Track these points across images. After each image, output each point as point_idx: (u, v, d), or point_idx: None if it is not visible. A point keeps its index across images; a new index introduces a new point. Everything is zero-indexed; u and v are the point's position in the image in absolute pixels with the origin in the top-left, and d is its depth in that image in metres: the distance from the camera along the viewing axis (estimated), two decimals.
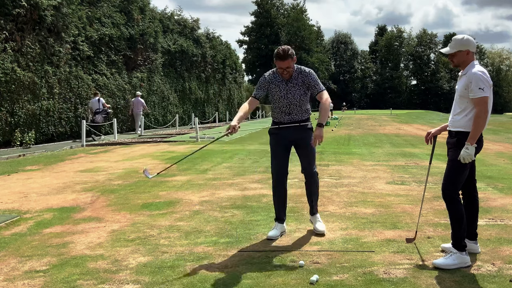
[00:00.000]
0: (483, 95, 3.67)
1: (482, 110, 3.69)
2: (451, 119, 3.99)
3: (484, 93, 3.68)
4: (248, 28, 75.66)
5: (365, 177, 8.05)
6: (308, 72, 4.48)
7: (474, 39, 4.61)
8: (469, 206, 4.01)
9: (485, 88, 3.70)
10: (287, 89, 4.45)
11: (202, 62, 33.97)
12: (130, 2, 23.65)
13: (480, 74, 3.73)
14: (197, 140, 16.61)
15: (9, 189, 7.41)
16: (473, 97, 3.71)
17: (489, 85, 3.77)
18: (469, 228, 3.97)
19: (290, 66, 4.35)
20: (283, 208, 4.65)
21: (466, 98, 3.79)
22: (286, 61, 4.30)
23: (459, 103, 3.90)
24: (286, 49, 4.33)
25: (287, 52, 4.30)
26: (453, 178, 3.81)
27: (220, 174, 8.55)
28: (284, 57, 4.28)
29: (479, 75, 3.73)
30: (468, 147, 3.69)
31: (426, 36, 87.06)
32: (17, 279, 3.62)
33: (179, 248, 4.29)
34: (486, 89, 3.71)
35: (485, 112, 3.70)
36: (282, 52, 4.29)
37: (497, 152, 13.15)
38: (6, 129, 14.85)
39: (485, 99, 3.69)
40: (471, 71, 3.78)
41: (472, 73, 3.75)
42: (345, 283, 3.43)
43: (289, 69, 4.36)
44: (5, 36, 14.75)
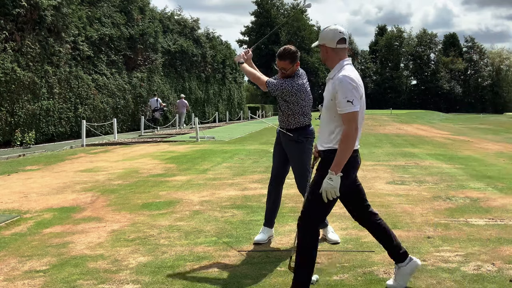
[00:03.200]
0: (351, 110, 2.93)
1: (351, 128, 2.94)
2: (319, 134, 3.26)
3: (353, 107, 2.93)
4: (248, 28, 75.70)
5: (365, 177, 8.04)
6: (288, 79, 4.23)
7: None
8: (377, 233, 3.37)
9: (355, 101, 2.94)
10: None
11: (202, 62, 33.97)
12: (130, 2, 23.65)
13: (348, 81, 2.96)
14: (197, 140, 16.61)
15: (9, 189, 7.41)
16: (341, 112, 2.96)
17: (359, 96, 3.01)
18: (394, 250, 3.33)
19: (285, 68, 4.19)
20: (273, 213, 4.48)
21: (333, 111, 3.04)
22: (282, 62, 4.18)
23: (326, 115, 3.13)
24: (288, 50, 4.19)
25: (288, 52, 4.17)
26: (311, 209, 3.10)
27: (220, 174, 8.55)
28: (282, 57, 4.18)
29: (346, 82, 2.95)
30: (332, 177, 2.95)
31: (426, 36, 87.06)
32: (17, 279, 3.62)
33: (179, 248, 4.29)
34: (356, 102, 2.95)
35: (355, 130, 2.96)
36: (282, 52, 4.21)
37: (497, 152, 13.15)
38: (6, 129, 14.86)
39: (354, 115, 2.95)
40: (338, 75, 3.02)
41: (338, 80, 2.99)
42: (345, 283, 3.43)
43: (286, 70, 4.20)
44: (5, 36, 14.76)
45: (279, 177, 4.47)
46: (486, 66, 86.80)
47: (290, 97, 4.20)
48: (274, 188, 4.48)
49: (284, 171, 4.49)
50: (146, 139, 17.56)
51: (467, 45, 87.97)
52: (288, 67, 4.19)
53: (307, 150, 4.28)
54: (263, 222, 4.55)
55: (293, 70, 4.24)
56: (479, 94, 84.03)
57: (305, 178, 4.18)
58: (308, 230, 3.08)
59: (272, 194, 4.48)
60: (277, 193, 4.49)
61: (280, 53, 4.20)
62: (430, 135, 20.37)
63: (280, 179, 4.48)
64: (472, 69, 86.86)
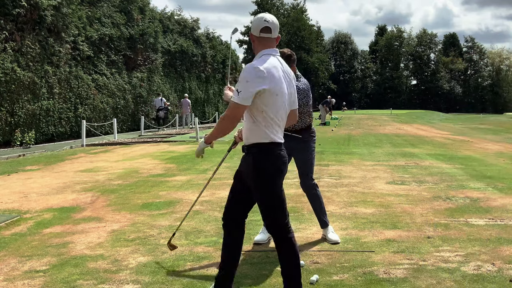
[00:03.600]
0: (234, 99, 2.84)
1: (229, 116, 2.88)
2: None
3: (235, 98, 2.83)
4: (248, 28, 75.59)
5: (365, 177, 8.04)
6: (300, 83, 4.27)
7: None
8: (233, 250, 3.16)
9: (242, 93, 2.81)
10: None
11: (202, 62, 33.96)
12: (130, 2, 23.65)
13: (248, 71, 2.84)
14: (197, 140, 16.61)
15: (9, 189, 7.41)
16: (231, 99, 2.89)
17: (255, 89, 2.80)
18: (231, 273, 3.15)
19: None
20: None
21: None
22: None
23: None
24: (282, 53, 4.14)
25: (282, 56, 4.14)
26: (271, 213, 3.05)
27: (220, 174, 8.55)
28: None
29: (246, 73, 2.84)
30: (201, 142, 3.15)
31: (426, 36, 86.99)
32: (17, 279, 3.62)
33: (179, 248, 4.28)
34: (244, 94, 2.80)
35: (231, 120, 2.88)
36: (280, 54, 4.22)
37: (497, 152, 13.15)
38: (6, 129, 14.86)
39: (235, 105, 2.84)
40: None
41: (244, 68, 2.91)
42: (345, 283, 3.43)
43: None
44: (5, 36, 14.76)
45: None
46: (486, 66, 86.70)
47: (301, 100, 4.24)
48: None
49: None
50: (146, 139, 17.56)
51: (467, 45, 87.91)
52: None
53: (313, 148, 4.45)
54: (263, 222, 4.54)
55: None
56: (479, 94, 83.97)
57: (310, 175, 4.40)
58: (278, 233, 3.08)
59: None
60: None
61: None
62: (430, 135, 20.37)
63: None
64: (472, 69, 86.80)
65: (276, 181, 2.97)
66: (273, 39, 3.00)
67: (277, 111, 2.94)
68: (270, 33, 2.96)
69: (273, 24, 2.98)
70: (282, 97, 2.96)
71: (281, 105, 2.97)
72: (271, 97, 2.88)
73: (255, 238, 4.43)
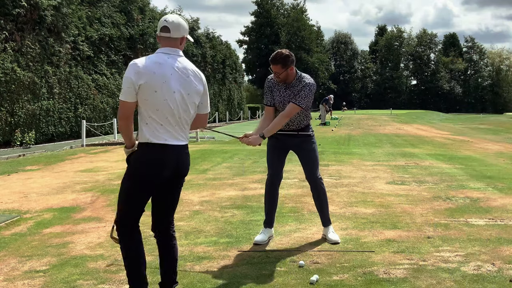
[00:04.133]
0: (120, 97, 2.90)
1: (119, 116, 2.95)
2: None
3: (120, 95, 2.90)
4: (248, 28, 75.62)
5: (365, 177, 8.04)
6: (305, 83, 4.24)
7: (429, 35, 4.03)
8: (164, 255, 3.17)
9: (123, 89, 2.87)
10: (285, 95, 4.29)
11: (202, 62, 33.97)
12: (130, 2, 23.66)
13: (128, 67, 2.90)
14: (197, 140, 16.61)
15: (9, 189, 7.41)
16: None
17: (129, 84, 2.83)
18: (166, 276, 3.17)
19: (279, 72, 4.17)
20: (272, 213, 4.53)
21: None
22: (275, 66, 4.16)
23: None
24: (280, 54, 4.17)
25: (279, 57, 4.14)
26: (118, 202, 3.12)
27: (220, 174, 8.55)
28: (273, 61, 4.16)
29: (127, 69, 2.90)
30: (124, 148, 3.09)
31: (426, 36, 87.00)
32: (17, 279, 3.61)
33: (179, 248, 4.28)
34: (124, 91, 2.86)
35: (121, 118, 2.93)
36: (274, 55, 4.18)
37: (497, 152, 13.15)
38: (6, 129, 14.86)
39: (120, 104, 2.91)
40: None
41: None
42: (345, 283, 3.43)
43: (278, 74, 4.19)
44: (5, 36, 14.76)
45: (277, 179, 4.50)
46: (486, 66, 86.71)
47: (305, 98, 4.22)
48: (271, 190, 4.49)
49: (282, 173, 4.54)
50: None
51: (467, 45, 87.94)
52: (280, 71, 4.17)
53: (315, 147, 4.48)
54: (263, 222, 4.55)
55: (287, 75, 4.21)
56: (479, 94, 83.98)
57: (318, 168, 4.47)
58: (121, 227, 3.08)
59: (270, 195, 4.51)
60: (275, 194, 4.51)
61: (272, 57, 4.20)
62: (430, 135, 20.37)
63: (278, 181, 4.52)
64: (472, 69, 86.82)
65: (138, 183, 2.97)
66: (174, 38, 2.97)
67: (156, 108, 2.87)
68: (169, 32, 2.96)
69: (173, 24, 2.97)
70: (166, 95, 2.87)
71: (164, 103, 2.87)
72: (149, 93, 2.85)
73: (255, 239, 4.42)
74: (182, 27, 3.01)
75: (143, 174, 2.93)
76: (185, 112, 2.97)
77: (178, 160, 2.97)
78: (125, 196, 3.05)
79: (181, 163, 2.99)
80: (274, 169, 4.46)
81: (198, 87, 3.03)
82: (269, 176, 4.49)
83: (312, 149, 4.43)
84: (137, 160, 2.95)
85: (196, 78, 3.02)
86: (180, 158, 2.98)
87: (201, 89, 3.05)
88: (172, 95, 2.89)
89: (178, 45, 3.01)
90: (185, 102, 2.95)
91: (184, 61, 3.01)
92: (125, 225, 3.06)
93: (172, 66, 2.92)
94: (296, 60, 4.36)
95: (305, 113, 4.37)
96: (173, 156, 2.94)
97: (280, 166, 4.48)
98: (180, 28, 3.00)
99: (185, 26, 3.04)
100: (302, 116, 4.37)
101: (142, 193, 3.02)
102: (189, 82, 2.96)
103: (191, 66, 3.03)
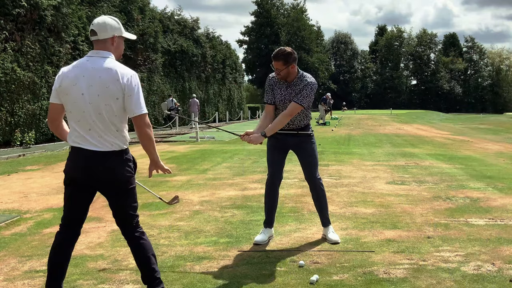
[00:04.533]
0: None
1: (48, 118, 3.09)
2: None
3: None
4: (248, 28, 75.62)
5: (365, 177, 8.04)
6: (307, 82, 4.24)
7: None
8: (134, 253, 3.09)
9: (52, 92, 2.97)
10: (286, 93, 4.29)
11: (202, 62, 33.97)
12: (130, 2, 23.66)
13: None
14: (197, 140, 16.61)
15: (9, 189, 7.41)
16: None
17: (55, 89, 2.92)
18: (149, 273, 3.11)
19: (280, 69, 4.17)
20: (272, 213, 4.52)
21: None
22: (276, 62, 4.17)
23: None
24: (282, 51, 4.18)
25: (281, 53, 4.15)
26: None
27: (220, 174, 8.55)
28: (275, 57, 4.17)
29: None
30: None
31: (426, 36, 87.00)
32: (17, 279, 3.62)
33: (179, 248, 4.29)
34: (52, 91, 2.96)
35: (48, 121, 3.05)
36: (277, 52, 4.20)
37: (497, 152, 13.15)
38: (6, 129, 14.86)
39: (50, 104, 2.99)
40: None
41: None
42: (345, 283, 3.43)
43: (280, 71, 4.19)
44: (5, 36, 14.76)
45: (277, 179, 4.49)
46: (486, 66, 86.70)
47: (306, 97, 4.23)
48: (272, 189, 4.49)
49: (282, 173, 4.54)
50: None
51: (467, 45, 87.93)
52: (281, 68, 4.17)
53: (314, 147, 4.46)
54: (263, 222, 4.55)
55: (288, 72, 4.21)
56: (479, 94, 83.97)
57: (317, 169, 4.46)
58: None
59: (270, 195, 4.50)
60: (275, 194, 4.51)
61: (274, 54, 4.21)
62: (430, 135, 20.37)
63: (278, 181, 4.51)
64: (472, 69, 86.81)
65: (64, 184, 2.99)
66: (101, 40, 2.94)
67: (70, 111, 2.88)
68: (96, 35, 2.94)
69: (98, 26, 2.94)
70: (76, 97, 2.85)
71: (74, 105, 2.86)
72: (63, 96, 2.88)
73: (255, 239, 4.42)
74: (110, 27, 2.94)
75: (65, 175, 2.98)
76: (99, 115, 2.84)
77: (92, 165, 2.85)
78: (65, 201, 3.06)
79: (98, 170, 2.85)
80: (274, 169, 4.46)
81: (111, 88, 2.83)
82: (269, 176, 4.49)
83: (312, 149, 4.41)
84: (67, 164, 3.00)
85: (112, 79, 2.83)
86: (95, 164, 2.85)
87: (115, 91, 2.84)
88: (81, 98, 2.84)
89: (108, 46, 2.95)
90: (97, 105, 2.83)
91: (104, 62, 2.88)
92: (60, 224, 3.06)
93: (86, 68, 2.87)
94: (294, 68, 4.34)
95: (305, 113, 4.36)
96: (84, 160, 2.87)
97: (280, 166, 4.48)
98: (107, 29, 2.94)
99: (113, 25, 2.96)
100: (302, 115, 4.35)
101: (68, 194, 2.99)
102: (101, 83, 2.83)
103: (110, 66, 2.87)
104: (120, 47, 3.04)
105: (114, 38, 2.96)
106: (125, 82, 2.85)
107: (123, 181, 2.91)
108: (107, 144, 2.87)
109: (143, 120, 2.91)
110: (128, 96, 2.85)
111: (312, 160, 4.43)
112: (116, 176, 2.89)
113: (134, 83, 2.88)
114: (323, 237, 4.51)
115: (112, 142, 2.89)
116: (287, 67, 4.17)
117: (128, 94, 2.85)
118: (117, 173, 2.89)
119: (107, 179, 2.88)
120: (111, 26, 2.96)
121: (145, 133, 2.94)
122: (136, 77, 2.93)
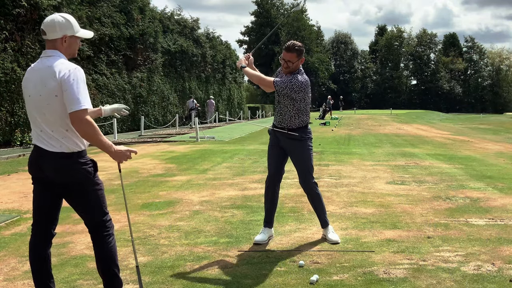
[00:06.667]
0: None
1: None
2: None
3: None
4: (248, 28, 75.67)
5: (365, 177, 8.04)
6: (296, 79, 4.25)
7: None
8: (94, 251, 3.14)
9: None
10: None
11: (202, 62, 33.97)
12: (130, 2, 23.64)
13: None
14: (197, 140, 16.61)
15: (9, 189, 7.41)
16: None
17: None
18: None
19: (292, 61, 4.26)
20: (272, 213, 4.53)
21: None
22: (290, 54, 4.26)
23: None
24: (296, 43, 4.32)
25: (295, 46, 4.28)
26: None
27: (220, 174, 8.55)
28: (290, 49, 4.27)
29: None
30: None
31: (426, 36, 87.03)
32: (17, 279, 3.62)
33: (179, 248, 4.29)
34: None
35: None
36: (290, 44, 4.32)
37: (497, 152, 13.15)
38: (6, 129, 14.86)
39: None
40: None
41: None
42: (345, 283, 3.43)
43: (290, 63, 4.27)
44: (5, 36, 14.76)
45: (276, 178, 4.49)
46: (486, 66, 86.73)
47: (298, 94, 4.25)
48: (271, 189, 4.49)
49: (282, 172, 4.53)
50: (146, 139, 17.57)
51: (467, 45, 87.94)
52: (294, 60, 4.28)
53: (310, 147, 4.39)
54: (263, 222, 4.55)
55: (297, 65, 4.34)
56: (479, 94, 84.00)
57: (311, 174, 4.37)
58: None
59: (270, 194, 4.50)
60: (274, 194, 4.51)
61: (288, 46, 4.31)
62: (430, 135, 20.37)
63: (278, 179, 4.51)
64: (472, 69, 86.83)
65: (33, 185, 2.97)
66: (51, 40, 2.84)
67: (30, 112, 2.87)
68: (45, 34, 2.85)
69: (46, 25, 2.85)
70: (26, 99, 2.88)
71: (27, 106, 2.89)
72: (26, 98, 2.89)
73: (255, 239, 4.42)
74: (59, 26, 2.82)
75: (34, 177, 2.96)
76: (44, 116, 2.79)
77: (44, 164, 2.83)
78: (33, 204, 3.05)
79: (49, 169, 2.82)
80: (274, 168, 4.46)
81: (49, 86, 2.73)
82: (269, 175, 4.49)
83: (302, 153, 4.33)
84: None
85: (49, 76, 2.74)
86: (46, 163, 2.82)
87: (53, 88, 2.73)
88: (29, 100, 2.85)
89: (58, 46, 2.85)
90: (40, 106, 2.79)
91: (48, 61, 2.81)
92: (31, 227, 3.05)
93: (33, 69, 2.86)
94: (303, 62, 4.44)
95: (296, 112, 4.30)
96: (38, 159, 2.85)
97: (280, 166, 4.48)
98: (56, 28, 2.81)
99: (64, 24, 2.83)
100: (292, 113, 4.30)
101: (33, 194, 2.98)
102: (41, 83, 2.76)
103: (51, 63, 2.78)
104: (72, 47, 2.91)
105: (64, 38, 2.84)
106: (61, 77, 2.71)
107: (75, 183, 2.87)
108: (55, 145, 2.80)
109: (79, 116, 2.70)
110: (64, 91, 2.71)
111: (303, 165, 4.36)
112: (65, 178, 2.85)
113: (73, 77, 2.71)
114: (323, 237, 4.51)
115: (61, 143, 2.81)
116: (298, 60, 4.31)
117: (65, 89, 2.70)
118: (66, 175, 2.84)
119: (57, 179, 2.85)
120: (61, 26, 2.82)
121: (83, 132, 2.78)
122: (76, 71, 2.75)
